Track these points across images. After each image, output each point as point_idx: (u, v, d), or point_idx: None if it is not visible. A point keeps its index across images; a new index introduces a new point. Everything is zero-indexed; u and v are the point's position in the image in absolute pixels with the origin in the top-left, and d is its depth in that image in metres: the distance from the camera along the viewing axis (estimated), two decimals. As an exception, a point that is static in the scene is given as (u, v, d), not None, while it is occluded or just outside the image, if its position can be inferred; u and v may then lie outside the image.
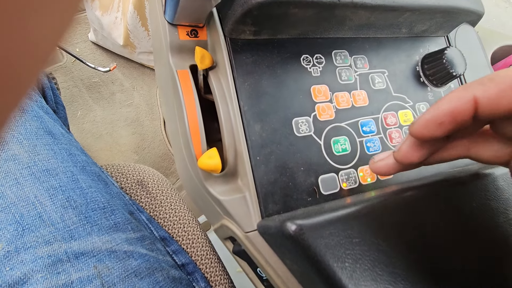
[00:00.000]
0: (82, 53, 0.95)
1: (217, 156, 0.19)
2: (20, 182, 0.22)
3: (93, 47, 0.97)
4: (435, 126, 0.14)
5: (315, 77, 0.22)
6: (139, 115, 0.95)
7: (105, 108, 0.92)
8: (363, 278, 0.15)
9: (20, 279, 0.19)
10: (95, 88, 0.94)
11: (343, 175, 0.21)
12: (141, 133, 0.93)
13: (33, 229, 0.20)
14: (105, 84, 0.95)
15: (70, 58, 0.92)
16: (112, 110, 0.93)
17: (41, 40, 0.06)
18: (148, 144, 0.92)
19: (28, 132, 0.24)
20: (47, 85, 0.32)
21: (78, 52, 0.94)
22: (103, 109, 0.92)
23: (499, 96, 0.13)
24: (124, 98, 0.95)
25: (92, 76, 0.94)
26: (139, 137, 0.93)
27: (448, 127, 0.14)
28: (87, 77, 0.93)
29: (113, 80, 0.96)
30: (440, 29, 0.27)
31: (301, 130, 0.21)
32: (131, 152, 0.91)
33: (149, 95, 0.98)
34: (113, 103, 0.94)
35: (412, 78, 0.26)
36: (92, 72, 0.93)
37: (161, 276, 0.25)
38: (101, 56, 0.97)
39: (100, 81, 0.94)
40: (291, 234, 0.15)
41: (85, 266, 0.21)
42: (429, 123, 0.14)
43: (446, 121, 0.14)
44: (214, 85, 0.21)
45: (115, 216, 0.25)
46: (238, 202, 0.19)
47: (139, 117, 0.95)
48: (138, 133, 0.93)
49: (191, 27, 0.22)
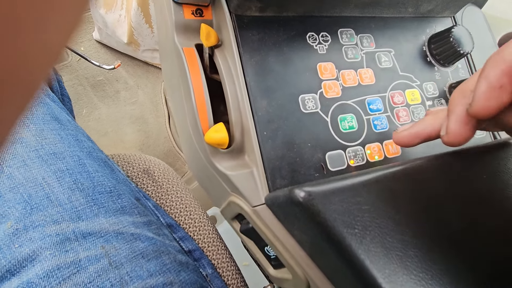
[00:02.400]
0: (87, 52, 0.96)
1: (224, 130, 0.19)
2: (27, 164, 0.22)
3: (98, 45, 0.98)
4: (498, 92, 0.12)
5: (321, 54, 0.22)
6: (144, 113, 0.95)
7: (110, 106, 0.93)
8: (373, 245, 0.14)
9: (28, 255, 0.19)
10: (100, 86, 0.94)
11: (350, 152, 0.21)
12: (145, 131, 0.94)
13: (41, 209, 0.21)
14: (109, 82, 0.96)
15: (75, 56, 0.93)
16: (117, 108, 0.94)
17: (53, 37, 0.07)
18: (152, 141, 0.93)
19: (34, 117, 0.24)
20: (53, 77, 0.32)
21: (83, 50, 0.95)
22: (108, 107, 0.93)
23: None
24: (129, 96, 0.96)
25: (97, 75, 0.95)
26: (143, 135, 0.93)
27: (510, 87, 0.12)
28: (92, 76, 0.94)
29: (117, 78, 0.97)
30: (446, 9, 0.26)
31: (307, 107, 0.21)
32: (136, 149, 0.92)
33: (153, 93, 0.98)
34: (117, 101, 0.95)
35: (419, 58, 0.26)
36: (97, 70, 0.94)
37: (168, 259, 0.25)
38: (105, 54, 0.98)
39: (104, 79, 0.95)
40: (300, 200, 0.15)
41: (93, 246, 0.21)
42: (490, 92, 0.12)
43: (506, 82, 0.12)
44: (220, 62, 0.21)
45: (122, 200, 0.25)
46: (246, 177, 0.19)
47: (143, 115, 0.95)
48: (143, 131, 0.93)
49: (196, 5, 0.22)
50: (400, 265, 0.14)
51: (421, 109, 0.25)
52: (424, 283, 0.14)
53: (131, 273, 0.22)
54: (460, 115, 0.14)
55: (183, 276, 0.26)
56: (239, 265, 0.37)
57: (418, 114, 0.24)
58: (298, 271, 0.18)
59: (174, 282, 0.24)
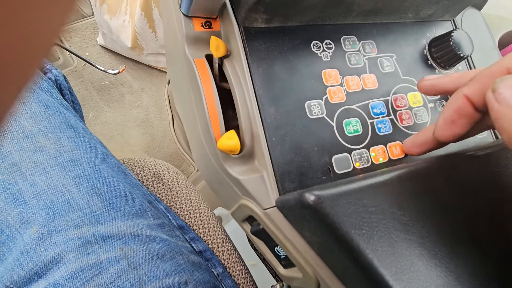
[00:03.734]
0: (91, 57, 0.97)
1: (236, 137, 0.20)
2: (48, 172, 0.23)
3: (102, 50, 0.99)
4: (451, 125, 0.17)
5: (325, 61, 0.23)
6: (149, 116, 0.97)
7: (115, 109, 0.95)
8: (380, 244, 0.15)
9: (54, 258, 0.20)
10: (105, 90, 0.96)
11: (355, 155, 0.22)
12: (151, 133, 0.95)
13: (63, 214, 0.22)
14: (114, 86, 0.97)
15: (80, 62, 0.95)
16: (122, 111, 0.95)
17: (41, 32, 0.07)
18: (158, 144, 0.94)
19: (52, 126, 0.25)
20: (64, 85, 0.34)
21: (87, 56, 0.97)
22: (113, 111, 0.94)
23: (481, 91, 0.15)
24: (134, 99, 0.97)
25: (102, 79, 0.96)
26: (149, 137, 0.95)
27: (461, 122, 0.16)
28: (97, 80, 0.95)
29: (122, 82, 0.98)
30: (446, 12, 0.27)
31: (313, 113, 0.22)
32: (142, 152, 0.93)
33: (157, 96, 1.00)
34: (123, 104, 0.96)
35: (420, 61, 0.26)
36: (102, 75, 0.96)
37: (182, 260, 0.26)
38: (110, 59, 1.00)
39: (109, 83, 0.97)
40: (310, 203, 0.16)
41: (112, 248, 0.22)
42: (445, 125, 0.17)
43: (457, 119, 0.16)
44: (229, 71, 0.22)
45: (136, 204, 0.26)
46: (256, 181, 0.20)
47: (148, 118, 0.97)
48: (148, 133, 0.95)
49: (205, 18, 0.23)
50: (407, 263, 0.15)
51: (423, 111, 0.25)
52: (430, 280, 0.15)
53: (148, 273, 0.23)
54: (447, 115, 0.17)
55: (196, 275, 0.27)
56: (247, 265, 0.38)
57: (421, 116, 0.25)
58: (308, 270, 0.19)
59: (189, 281, 0.26)
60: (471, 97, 0.16)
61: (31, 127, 0.24)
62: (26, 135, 0.24)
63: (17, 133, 0.24)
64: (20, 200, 0.22)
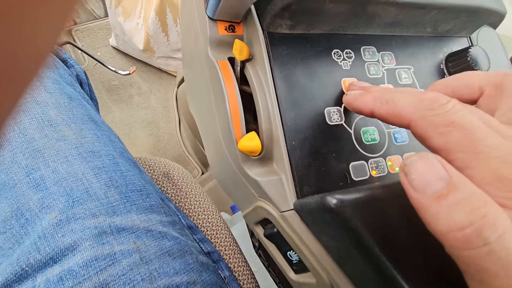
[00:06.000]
0: (103, 57, 0.99)
1: (257, 138, 0.20)
2: (69, 160, 0.23)
3: (113, 51, 1.01)
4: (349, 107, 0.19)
5: (345, 70, 0.24)
6: (155, 117, 0.98)
7: (123, 109, 0.95)
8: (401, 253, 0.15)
9: (70, 245, 0.21)
10: (114, 90, 0.97)
11: (372, 163, 0.22)
12: (157, 135, 0.95)
13: (81, 202, 0.22)
14: (124, 87, 0.98)
15: (91, 61, 0.96)
16: (130, 112, 0.96)
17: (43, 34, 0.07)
18: (163, 146, 0.95)
19: (75, 117, 0.26)
20: (84, 81, 0.34)
21: (99, 56, 0.98)
22: (121, 111, 0.95)
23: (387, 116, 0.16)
24: (142, 100, 0.98)
25: (112, 79, 0.97)
26: (155, 139, 0.95)
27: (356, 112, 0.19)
28: (107, 80, 0.96)
29: (131, 83, 0.99)
30: (463, 29, 0.28)
31: (332, 119, 0.22)
32: (147, 153, 0.93)
33: (165, 98, 1.00)
34: (131, 105, 0.97)
35: (437, 75, 0.27)
36: (112, 75, 0.97)
37: (191, 259, 0.26)
38: (120, 60, 1.01)
39: (119, 84, 0.98)
40: (332, 207, 0.16)
41: (126, 240, 0.22)
42: (347, 104, 0.20)
43: (355, 110, 0.19)
44: (251, 75, 0.22)
45: (150, 199, 0.26)
46: (274, 183, 0.20)
47: (155, 119, 0.97)
48: (154, 135, 0.95)
49: (229, 22, 0.24)
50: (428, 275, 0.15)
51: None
52: None
53: (159, 269, 0.23)
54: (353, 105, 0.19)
55: (204, 276, 0.27)
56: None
57: (436, 128, 0.25)
58: (323, 276, 0.19)
59: (197, 281, 0.25)
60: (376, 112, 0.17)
61: (56, 116, 0.25)
62: (51, 124, 0.24)
63: (42, 121, 0.24)
64: (41, 186, 0.22)
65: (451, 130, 0.13)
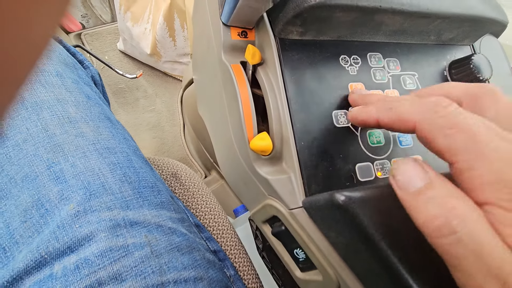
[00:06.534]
0: (110, 61, 1.00)
1: (268, 138, 0.21)
2: (87, 155, 0.24)
3: (121, 55, 1.03)
4: (355, 122, 0.21)
5: (352, 75, 0.25)
6: (160, 121, 0.99)
7: (129, 112, 0.97)
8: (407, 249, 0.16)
9: (87, 235, 0.21)
10: (120, 93, 0.98)
11: (378, 165, 0.23)
12: (161, 138, 0.97)
13: (98, 196, 0.23)
14: (130, 90, 1.00)
15: (99, 64, 0.98)
16: (136, 114, 0.97)
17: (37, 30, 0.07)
18: (167, 149, 0.96)
19: (92, 115, 0.27)
20: (98, 82, 0.36)
21: (107, 59, 1.00)
22: (127, 113, 0.96)
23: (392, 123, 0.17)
24: (147, 104, 0.99)
25: (119, 82, 0.99)
26: (159, 141, 0.96)
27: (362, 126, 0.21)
28: (114, 83, 0.98)
29: (137, 86, 1.01)
30: (466, 37, 0.29)
31: (340, 122, 0.23)
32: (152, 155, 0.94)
33: (170, 102, 1.02)
34: (136, 108, 0.98)
35: (441, 81, 0.28)
36: (119, 78, 0.99)
37: (198, 256, 0.27)
38: (128, 64, 1.03)
39: (125, 87, 0.99)
40: (341, 203, 0.16)
41: (138, 234, 0.23)
42: (352, 119, 0.21)
43: (361, 124, 0.20)
44: (263, 78, 0.23)
45: (161, 196, 0.27)
46: (284, 182, 0.21)
47: (160, 122, 0.99)
48: (159, 137, 0.96)
49: (242, 28, 0.25)
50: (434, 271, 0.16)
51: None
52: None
53: (168, 263, 0.24)
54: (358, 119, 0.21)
55: (211, 273, 0.27)
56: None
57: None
58: (330, 272, 0.20)
59: (204, 278, 0.26)
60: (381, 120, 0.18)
61: (75, 113, 0.26)
62: (70, 120, 0.25)
63: (63, 118, 0.25)
64: (61, 179, 0.23)
65: (456, 132, 0.14)
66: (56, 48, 0.32)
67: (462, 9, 0.25)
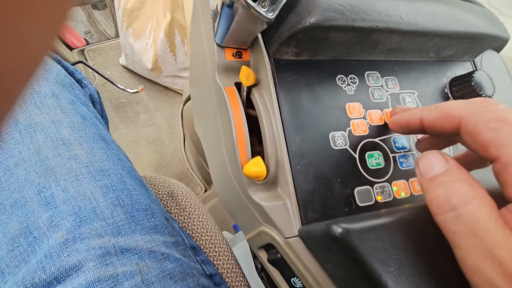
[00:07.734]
0: (112, 76, 1.01)
1: (262, 164, 0.20)
2: (79, 179, 0.24)
3: (123, 70, 1.04)
4: (397, 127, 0.21)
5: (349, 95, 0.24)
6: (160, 134, 0.99)
7: (129, 126, 0.97)
8: (408, 284, 0.15)
9: (75, 265, 0.20)
10: (121, 108, 0.99)
11: (377, 188, 0.22)
12: (161, 152, 0.96)
13: (88, 222, 0.22)
14: (131, 104, 1.00)
15: (101, 79, 0.99)
16: (136, 129, 0.97)
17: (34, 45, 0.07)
18: (167, 162, 0.95)
19: (87, 136, 0.26)
20: (97, 100, 0.35)
21: (109, 74, 1.01)
22: (127, 128, 0.96)
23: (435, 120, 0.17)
24: (148, 118, 1.00)
25: (120, 97, 1.00)
26: (159, 155, 0.96)
27: (405, 129, 0.20)
28: (115, 98, 0.99)
29: (138, 101, 1.01)
30: (466, 54, 0.28)
31: (337, 144, 0.22)
32: (151, 170, 0.94)
33: (171, 116, 1.02)
34: (137, 122, 0.98)
35: (441, 99, 0.27)
36: (120, 93, 0.99)
37: (192, 282, 0.26)
38: (129, 78, 1.04)
39: (126, 101, 1.00)
40: (338, 236, 0.15)
41: (129, 262, 0.22)
42: (394, 123, 0.21)
43: (404, 126, 0.20)
44: (257, 100, 0.23)
45: (155, 219, 0.26)
46: (279, 208, 0.20)
47: (160, 136, 0.98)
48: (159, 151, 0.96)
49: (236, 49, 0.25)
50: None
51: (444, 148, 0.26)
52: None
53: None
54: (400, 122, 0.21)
55: (206, 301, 0.26)
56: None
57: (441, 153, 0.25)
58: (329, 305, 0.19)
59: None
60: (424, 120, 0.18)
61: (69, 135, 0.25)
62: (64, 143, 0.25)
63: (56, 140, 0.25)
64: (51, 204, 0.22)
65: (504, 125, 0.14)
66: (54, 68, 0.32)
67: (461, 27, 0.24)
